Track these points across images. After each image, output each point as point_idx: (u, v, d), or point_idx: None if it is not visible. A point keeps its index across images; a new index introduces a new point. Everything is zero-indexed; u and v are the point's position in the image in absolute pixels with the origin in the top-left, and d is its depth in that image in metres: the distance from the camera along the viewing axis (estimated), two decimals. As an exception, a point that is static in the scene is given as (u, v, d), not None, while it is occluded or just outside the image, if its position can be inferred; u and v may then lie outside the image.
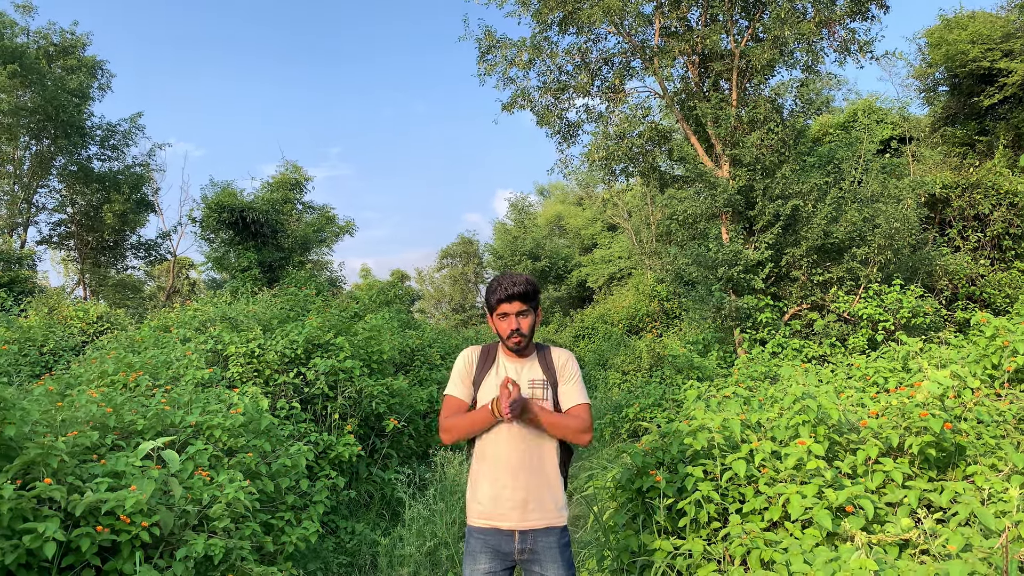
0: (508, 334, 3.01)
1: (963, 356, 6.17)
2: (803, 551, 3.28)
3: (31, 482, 3.55)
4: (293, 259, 20.70)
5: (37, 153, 25.59)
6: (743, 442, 4.33)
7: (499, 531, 2.97)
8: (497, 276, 3.07)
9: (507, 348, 3.08)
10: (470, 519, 3.07)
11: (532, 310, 3.05)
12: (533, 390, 3.03)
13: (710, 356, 12.71)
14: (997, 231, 15.43)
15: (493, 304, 3.03)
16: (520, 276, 3.03)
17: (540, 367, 3.11)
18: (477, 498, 3.03)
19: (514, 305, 2.99)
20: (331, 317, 8.94)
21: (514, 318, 3.00)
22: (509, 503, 2.95)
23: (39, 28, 25.25)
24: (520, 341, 3.02)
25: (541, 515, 2.98)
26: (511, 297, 2.97)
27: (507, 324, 3.01)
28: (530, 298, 3.02)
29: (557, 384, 3.08)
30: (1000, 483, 3.68)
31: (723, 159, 13.46)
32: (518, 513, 2.95)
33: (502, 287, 2.98)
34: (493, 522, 2.97)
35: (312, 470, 6.28)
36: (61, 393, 5.64)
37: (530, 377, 3.06)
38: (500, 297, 2.99)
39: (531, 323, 3.04)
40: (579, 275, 30.83)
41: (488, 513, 2.98)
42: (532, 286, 3.02)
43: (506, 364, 3.10)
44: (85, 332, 13.32)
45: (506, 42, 14.48)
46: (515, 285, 2.98)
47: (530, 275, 3.12)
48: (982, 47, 17.74)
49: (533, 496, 2.97)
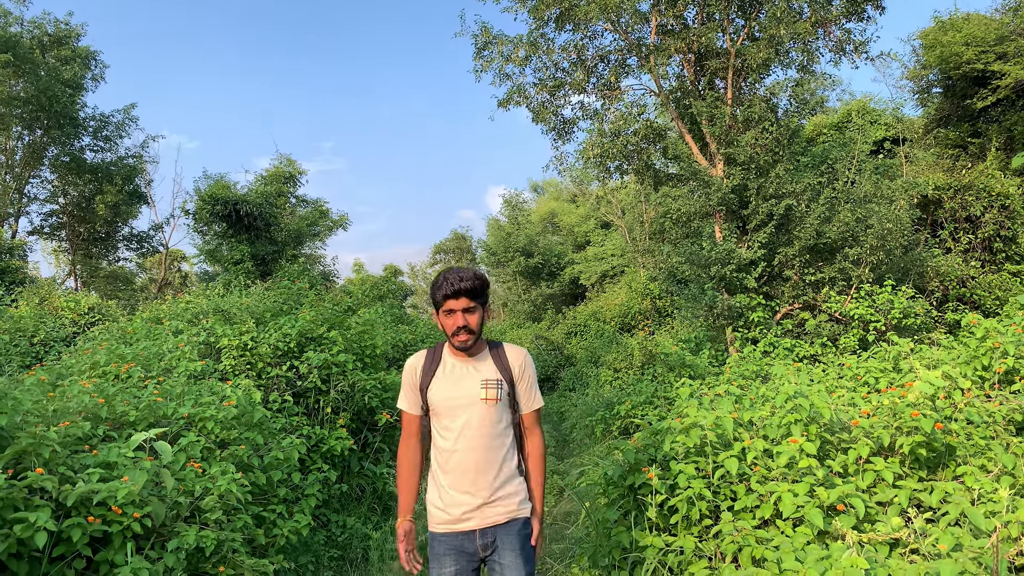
0: (454, 331, 2.88)
1: (954, 357, 6.21)
2: (794, 549, 3.30)
3: (22, 472, 3.54)
4: (286, 252, 20.65)
5: (29, 143, 25.44)
6: (735, 440, 4.34)
7: (461, 533, 2.91)
8: (443, 271, 2.94)
9: (453, 347, 2.95)
10: (432, 525, 2.97)
11: (480, 306, 2.91)
12: (487, 390, 2.90)
13: (702, 354, 12.74)
14: (988, 233, 15.52)
15: (439, 300, 2.90)
16: (468, 271, 2.89)
17: (495, 365, 2.98)
18: (437, 504, 2.95)
19: (460, 301, 2.85)
20: (324, 311, 8.92)
21: (460, 315, 2.86)
22: (470, 507, 2.89)
23: (33, 18, 25.11)
24: (467, 339, 2.88)
25: (503, 510, 2.92)
26: (457, 293, 2.84)
27: (453, 321, 2.87)
28: (478, 294, 2.89)
29: (514, 383, 2.98)
30: (990, 483, 3.70)
31: (717, 158, 13.48)
32: (479, 513, 2.90)
33: (448, 282, 2.85)
34: (455, 526, 2.91)
35: (304, 463, 6.28)
36: (53, 383, 5.62)
37: (484, 377, 2.93)
38: (446, 292, 2.85)
39: (479, 320, 2.91)
40: (572, 272, 30.83)
41: (449, 519, 2.91)
42: (480, 281, 2.90)
43: (453, 362, 2.98)
44: (76, 323, 13.27)
45: (502, 38, 14.45)
46: (462, 280, 2.84)
47: (478, 270, 2.94)
48: (976, 49, 17.81)
49: (494, 495, 2.91)
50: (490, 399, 2.90)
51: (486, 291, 2.94)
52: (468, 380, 2.93)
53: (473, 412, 2.89)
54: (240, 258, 18.96)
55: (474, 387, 2.91)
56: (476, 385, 2.91)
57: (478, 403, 2.89)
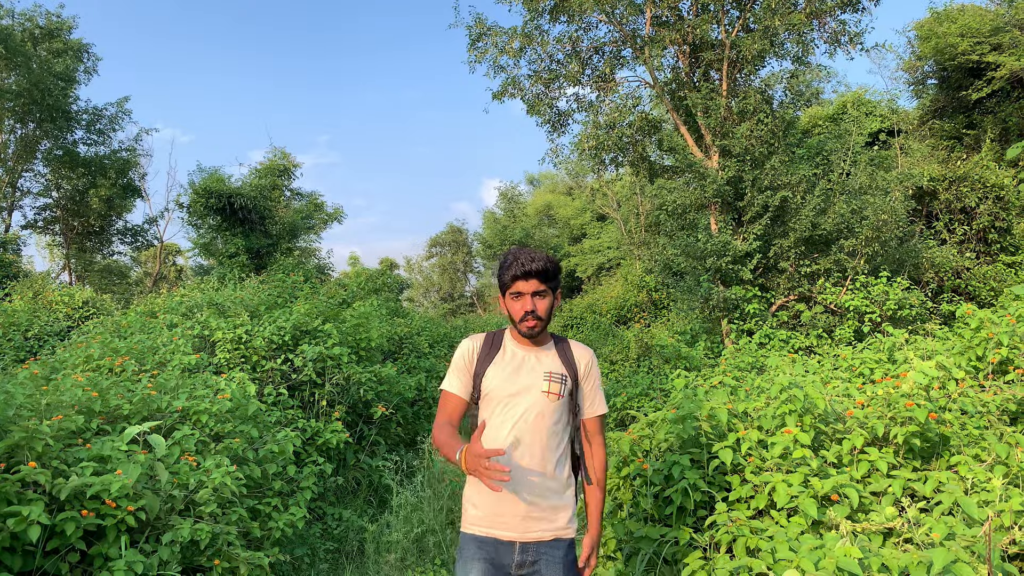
0: (521, 316, 2.62)
1: (948, 348, 6.23)
2: (788, 539, 3.30)
3: (15, 465, 3.52)
4: (281, 246, 20.61)
5: (22, 137, 25.31)
6: (730, 431, 4.35)
7: (498, 541, 2.60)
8: (513, 250, 2.68)
9: (518, 333, 2.70)
10: (466, 525, 2.67)
11: (551, 291, 2.65)
12: (549, 382, 2.65)
13: (697, 346, 12.76)
14: (983, 224, 15.55)
15: (507, 281, 2.63)
16: (539, 252, 2.63)
17: (560, 359, 2.73)
18: (474, 502, 2.66)
19: (531, 283, 2.60)
20: (319, 304, 8.92)
21: (529, 298, 2.61)
22: (512, 512, 2.59)
23: (24, 10, 24.97)
24: (535, 325, 2.63)
25: (548, 526, 2.62)
26: (528, 274, 2.58)
27: (521, 305, 2.62)
28: (550, 277, 2.63)
29: (578, 382, 2.74)
30: (983, 473, 3.71)
31: (712, 150, 13.47)
32: (521, 523, 2.59)
33: (518, 262, 2.59)
34: (492, 531, 2.60)
35: (299, 456, 6.28)
36: (46, 377, 5.61)
37: (548, 368, 2.68)
38: (516, 273, 2.59)
39: (548, 306, 2.65)
40: (568, 265, 30.84)
41: (487, 521, 2.61)
42: (553, 264, 2.64)
43: (514, 350, 2.73)
44: (70, 317, 13.23)
45: (496, 30, 14.40)
46: (533, 261, 2.59)
47: (549, 254, 2.69)
48: (971, 40, 17.83)
49: (541, 505, 2.61)
50: (552, 393, 2.65)
51: (558, 275, 2.69)
52: (530, 370, 2.68)
53: (532, 405, 2.62)
54: (235, 251, 18.92)
55: (536, 378, 2.66)
56: (539, 376, 2.66)
57: (539, 396, 2.64)
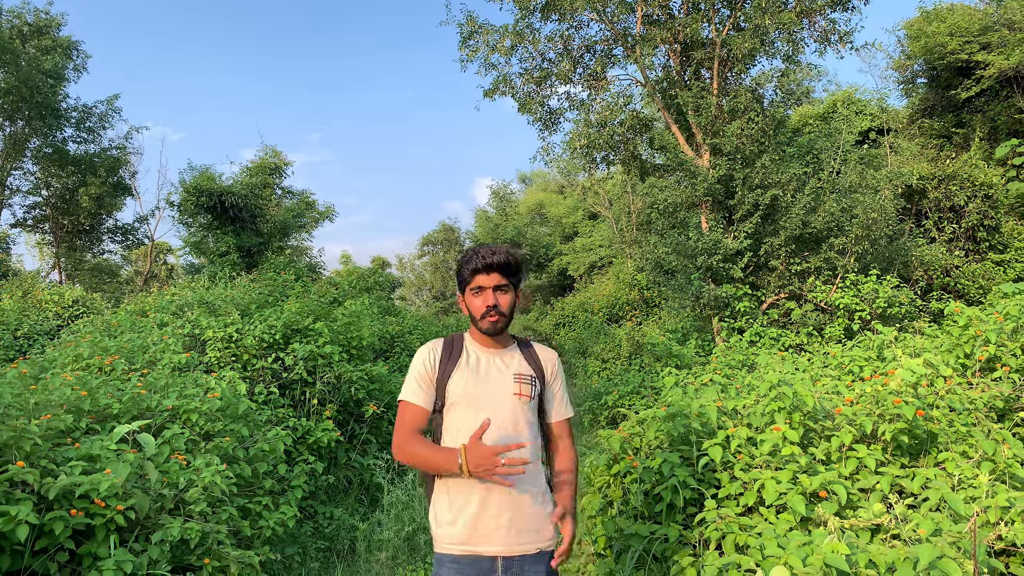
0: (483, 312, 2.50)
1: (936, 345, 6.26)
2: (777, 535, 3.32)
3: (3, 465, 3.51)
4: (272, 244, 20.56)
5: (11, 135, 25.13)
6: (719, 428, 4.37)
7: (479, 558, 2.43)
8: (474, 246, 2.61)
9: (479, 331, 2.57)
10: (441, 546, 2.47)
11: (513, 287, 2.54)
12: (520, 384, 2.53)
13: (688, 344, 12.80)
14: (972, 223, 15.65)
15: (467, 275, 2.52)
16: (501, 246, 2.53)
17: (526, 361, 2.62)
18: (448, 519, 2.46)
19: (492, 277, 2.49)
20: (310, 303, 8.91)
21: (491, 293, 2.49)
22: (495, 525, 2.42)
23: (12, 7, 24.77)
24: (497, 320, 2.50)
25: (532, 538, 2.47)
26: (489, 267, 2.48)
27: (482, 300, 2.50)
28: (512, 272, 2.53)
29: (545, 384, 2.64)
30: (970, 469, 3.74)
31: (703, 148, 13.50)
32: (506, 536, 2.43)
33: (479, 256, 2.49)
34: (473, 548, 2.43)
35: (290, 455, 6.27)
36: (35, 376, 5.59)
37: (516, 370, 2.57)
38: (476, 266, 2.49)
39: (511, 302, 2.54)
40: (560, 263, 30.87)
41: (465, 538, 2.43)
42: (515, 258, 2.54)
43: (478, 353, 2.59)
44: (60, 316, 13.17)
45: (488, 28, 14.40)
46: (494, 254, 2.48)
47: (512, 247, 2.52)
48: (960, 40, 17.93)
49: (522, 515, 2.46)
50: (524, 395, 2.53)
51: (520, 271, 2.59)
52: (497, 373, 2.56)
53: (504, 408, 2.49)
54: (226, 250, 18.86)
55: (505, 381, 2.54)
56: (508, 379, 2.54)
57: (510, 399, 2.51)
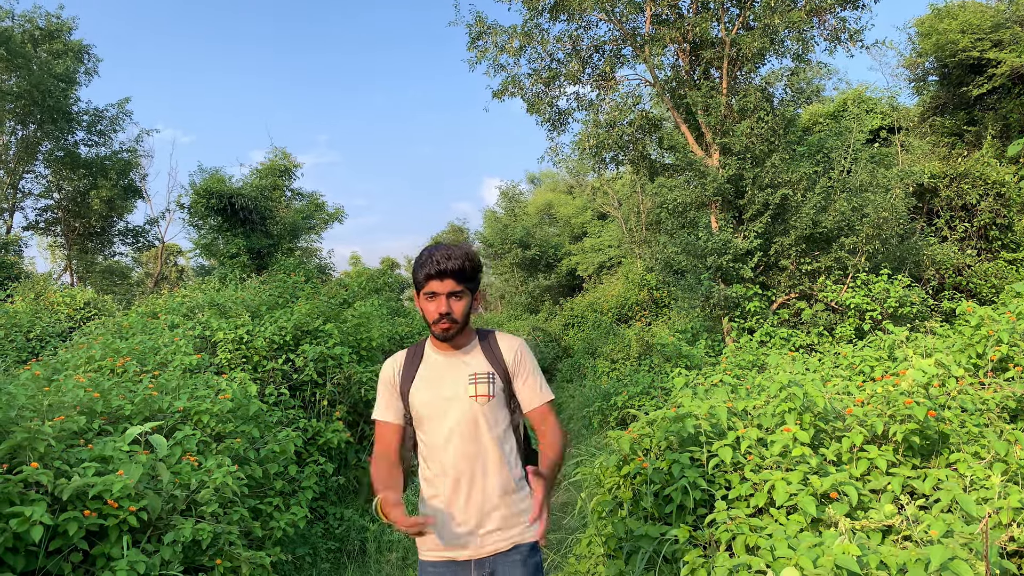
0: (435, 318, 2.43)
1: (948, 345, 6.23)
2: (787, 536, 3.31)
3: (18, 466, 3.54)
4: (282, 246, 20.63)
5: (23, 138, 25.34)
6: (729, 429, 4.36)
7: (455, 563, 2.44)
8: (429, 246, 2.48)
9: (434, 337, 2.54)
10: (421, 551, 2.51)
11: (468, 292, 2.47)
12: (476, 385, 2.47)
13: (698, 345, 12.76)
14: (984, 221, 15.54)
15: (420, 280, 2.43)
16: (457, 249, 2.45)
17: (485, 358, 2.55)
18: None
19: (445, 283, 2.40)
20: (320, 304, 8.94)
21: (444, 299, 2.42)
22: (462, 528, 2.42)
23: (24, 12, 24.98)
24: (449, 328, 2.45)
25: (502, 535, 2.45)
26: (442, 273, 2.39)
27: (435, 306, 2.43)
28: (467, 277, 2.44)
29: (509, 378, 2.55)
30: (982, 470, 3.72)
31: (713, 148, 13.47)
32: (475, 539, 2.43)
33: (432, 260, 2.40)
34: (447, 554, 2.44)
35: (301, 456, 6.29)
36: (48, 378, 5.62)
37: (471, 371, 2.50)
38: (429, 272, 2.40)
39: (465, 307, 2.48)
40: (569, 264, 30.84)
41: (442, 544, 2.43)
42: (471, 263, 2.45)
43: (436, 357, 2.56)
44: (72, 318, 13.25)
45: (497, 28, 14.40)
46: (449, 259, 2.39)
47: (470, 249, 2.49)
48: (972, 37, 17.80)
49: (491, 515, 2.44)
50: (481, 396, 2.47)
51: (477, 275, 2.51)
52: (454, 376, 2.51)
53: (462, 414, 2.46)
54: (236, 252, 18.94)
55: (461, 383, 2.49)
56: (463, 381, 2.49)
57: (466, 402, 2.46)
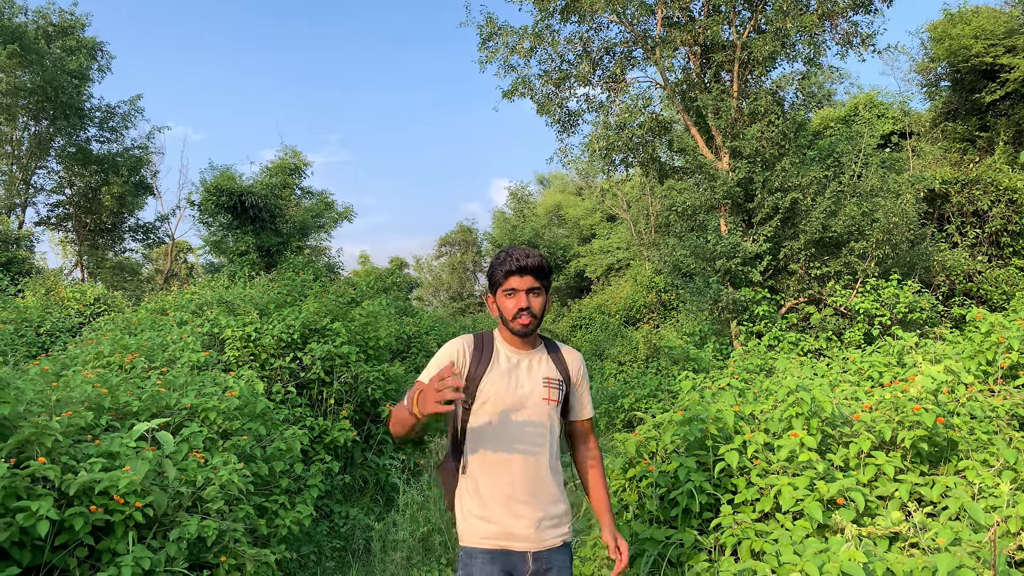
0: (515, 313, 2.51)
1: (958, 352, 6.18)
2: (793, 542, 3.29)
3: (25, 461, 3.55)
4: (291, 244, 20.69)
5: (36, 134, 25.49)
6: (736, 433, 4.34)
7: (510, 552, 2.48)
8: (506, 248, 2.57)
9: (510, 332, 2.58)
10: (473, 539, 2.50)
11: (544, 290, 2.56)
12: (549, 388, 2.59)
13: (706, 348, 12.73)
14: (995, 228, 15.44)
15: (500, 278, 2.51)
16: (534, 250, 2.54)
17: (554, 365, 2.66)
18: (475, 512, 2.51)
19: (526, 280, 2.49)
20: (328, 303, 8.95)
21: (524, 295, 2.50)
22: (526, 520, 2.49)
23: (38, 8, 25.16)
24: (529, 323, 2.52)
25: (559, 531, 2.57)
26: (523, 270, 2.48)
27: (515, 302, 2.51)
28: (544, 275, 2.55)
29: (571, 386, 2.70)
30: (991, 478, 3.69)
31: (723, 151, 13.44)
32: (536, 532, 2.50)
33: (512, 258, 2.49)
34: (506, 543, 2.48)
35: (307, 454, 6.30)
36: (57, 373, 5.64)
37: (545, 375, 2.60)
38: (510, 268, 2.48)
39: (542, 304, 2.56)
40: (577, 265, 30.83)
41: (499, 533, 2.48)
42: (547, 262, 2.56)
43: (509, 354, 2.61)
44: (82, 314, 13.31)
45: (507, 29, 14.42)
46: (528, 257, 2.49)
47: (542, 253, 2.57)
48: (985, 42, 17.71)
49: (552, 511, 2.55)
50: (552, 400, 2.59)
51: (551, 274, 2.61)
52: (529, 376, 2.59)
53: (535, 412, 2.55)
54: (245, 249, 19.01)
55: (536, 384, 2.58)
56: (538, 382, 2.58)
57: (540, 402, 2.57)
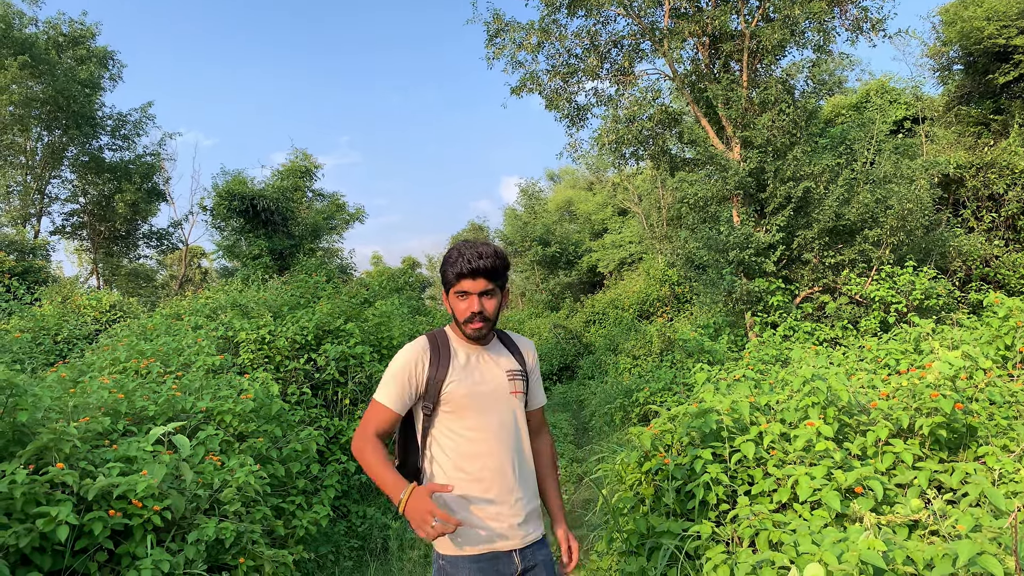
0: (467, 317, 2.41)
1: (976, 337, 6.13)
2: (811, 532, 3.27)
3: (44, 467, 3.58)
4: (304, 246, 20.78)
5: (49, 144, 25.74)
6: (752, 424, 4.31)
7: (497, 555, 2.40)
8: (458, 244, 2.44)
9: (462, 334, 2.50)
10: (449, 548, 2.40)
11: (499, 290, 2.45)
12: (514, 381, 2.52)
13: (721, 340, 12.67)
14: (1012, 211, 15.27)
15: (451, 279, 2.40)
16: (488, 247, 2.41)
17: (512, 355, 2.59)
18: (462, 517, 2.38)
19: (478, 282, 2.38)
20: (341, 303, 8.98)
21: (476, 298, 2.39)
22: (512, 520, 2.42)
23: (48, 18, 25.33)
24: (482, 327, 2.43)
25: (535, 525, 2.51)
26: (475, 272, 2.36)
27: (467, 305, 2.41)
28: (498, 275, 2.42)
29: (528, 375, 2.62)
30: (1011, 464, 3.65)
31: (734, 141, 13.36)
32: (520, 529, 2.44)
33: (464, 259, 2.37)
34: (492, 546, 2.40)
35: (323, 455, 6.33)
36: (74, 380, 5.69)
37: (507, 367, 2.53)
38: (461, 271, 2.37)
39: (496, 305, 2.45)
40: (590, 260, 30.76)
41: (483, 537, 2.39)
42: (502, 260, 2.42)
43: (468, 352, 2.51)
44: (98, 321, 13.43)
45: (514, 25, 14.39)
46: (481, 258, 2.36)
47: (498, 247, 2.47)
48: (998, 24, 17.49)
49: (530, 505, 2.50)
50: (518, 391, 2.52)
51: (507, 271, 2.48)
52: (492, 372, 2.51)
53: (505, 408, 2.49)
54: (258, 253, 19.11)
55: (501, 379, 2.50)
56: (503, 377, 2.51)
57: (508, 397, 2.50)
